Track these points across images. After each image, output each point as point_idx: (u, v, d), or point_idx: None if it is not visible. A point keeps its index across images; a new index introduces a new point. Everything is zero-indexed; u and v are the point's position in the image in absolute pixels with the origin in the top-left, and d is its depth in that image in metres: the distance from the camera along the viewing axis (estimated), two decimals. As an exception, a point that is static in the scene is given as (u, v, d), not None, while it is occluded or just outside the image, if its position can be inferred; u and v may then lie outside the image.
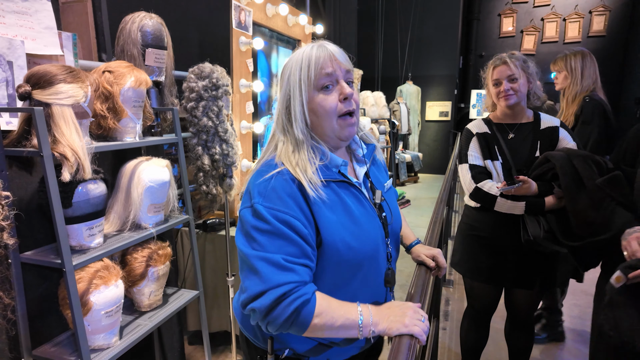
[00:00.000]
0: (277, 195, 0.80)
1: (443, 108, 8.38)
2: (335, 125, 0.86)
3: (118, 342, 1.33)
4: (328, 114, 0.85)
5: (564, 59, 2.18)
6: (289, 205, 0.80)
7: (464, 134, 1.76)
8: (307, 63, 0.84)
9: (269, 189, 0.81)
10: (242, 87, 2.28)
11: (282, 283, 0.76)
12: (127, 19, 1.55)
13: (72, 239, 1.23)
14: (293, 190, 0.82)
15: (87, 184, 1.23)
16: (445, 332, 2.58)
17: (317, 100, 0.85)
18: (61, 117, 1.11)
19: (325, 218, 0.83)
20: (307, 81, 0.84)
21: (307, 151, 0.86)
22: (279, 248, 0.78)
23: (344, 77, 0.87)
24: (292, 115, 0.87)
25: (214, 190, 1.85)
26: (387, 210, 0.95)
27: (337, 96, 0.86)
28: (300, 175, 0.82)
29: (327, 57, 0.85)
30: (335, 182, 0.87)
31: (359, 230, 0.86)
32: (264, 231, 0.79)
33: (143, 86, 1.41)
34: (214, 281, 2.25)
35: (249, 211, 0.82)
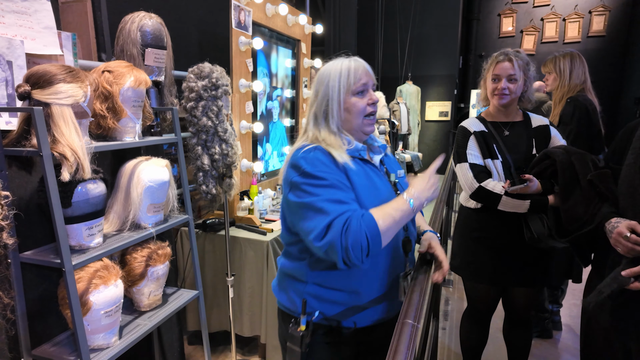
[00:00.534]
0: (320, 162, 1.02)
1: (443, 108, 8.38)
2: (361, 122, 1.09)
3: (118, 342, 1.33)
4: (359, 113, 1.08)
5: (553, 61, 2.20)
6: (331, 167, 1.02)
7: (460, 132, 1.73)
8: (347, 73, 1.06)
9: (314, 158, 1.02)
10: (242, 87, 2.28)
11: (344, 211, 0.94)
12: (127, 18, 1.55)
13: (72, 239, 1.23)
14: (329, 159, 1.03)
15: (87, 183, 1.22)
16: (445, 332, 2.58)
17: (352, 102, 1.07)
18: (60, 116, 1.11)
19: (354, 182, 1.04)
20: (347, 87, 1.07)
21: (337, 138, 1.08)
22: (334, 194, 0.97)
23: (372, 87, 1.11)
24: (330, 112, 1.08)
25: (213, 190, 1.85)
26: (402, 190, 1.13)
27: (366, 100, 1.08)
28: (331, 150, 1.04)
29: (363, 71, 1.08)
30: (359, 159, 1.10)
31: (379, 194, 1.06)
32: (317, 185, 0.98)
33: (142, 86, 1.40)
34: (213, 281, 2.25)
35: (300, 177, 1.01)
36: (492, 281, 1.74)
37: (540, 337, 2.49)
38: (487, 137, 1.68)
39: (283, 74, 2.98)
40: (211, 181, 1.85)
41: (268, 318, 2.11)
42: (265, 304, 2.11)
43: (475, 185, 1.61)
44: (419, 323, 0.86)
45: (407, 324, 0.84)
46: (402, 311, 0.90)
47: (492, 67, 1.67)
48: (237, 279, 2.17)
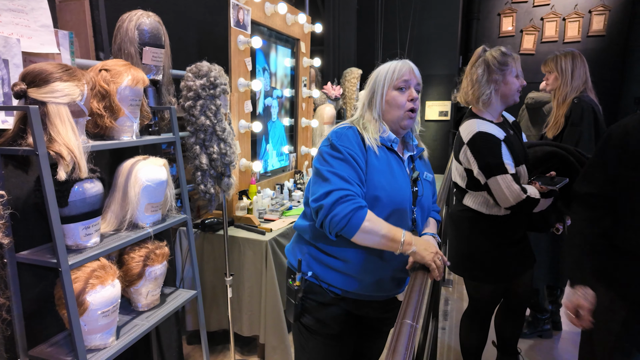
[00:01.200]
0: (348, 139, 1.14)
1: (442, 108, 8.37)
2: (401, 115, 1.19)
3: (115, 342, 1.33)
4: (398, 107, 1.18)
5: (554, 60, 2.18)
6: (354, 146, 1.13)
7: (489, 141, 1.56)
8: (393, 69, 1.19)
9: (343, 134, 1.16)
10: (241, 86, 2.27)
11: (345, 188, 1.06)
12: (125, 17, 1.55)
13: (69, 239, 1.22)
14: (358, 139, 1.16)
15: (84, 183, 1.22)
16: (445, 332, 2.57)
17: (392, 95, 1.19)
18: (57, 115, 1.10)
19: (372, 164, 1.15)
20: (390, 82, 1.19)
21: (375, 124, 1.21)
22: (345, 169, 1.09)
23: (415, 87, 1.20)
24: (374, 102, 1.21)
25: (211, 189, 1.85)
26: (420, 188, 1.23)
27: (407, 96, 1.19)
28: (364, 133, 1.18)
29: (407, 69, 1.19)
30: (386, 148, 1.20)
31: (394, 182, 1.16)
32: (336, 158, 1.11)
33: (140, 85, 1.40)
34: (212, 281, 2.25)
35: (327, 146, 1.16)
36: (513, 279, 1.77)
37: (541, 337, 2.48)
38: (513, 142, 1.61)
39: (282, 73, 2.97)
40: (209, 180, 1.84)
41: (267, 318, 2.10)
42: (264, 303, 2.10)
43: (522, 196, 1.50)
44: (418, 323, 0.86)
45: (406, 324, 0.84)
46: (401, 311, 0.89)
47: (515, 63, 1.64)
48: (236, 279, 2.16)
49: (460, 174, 1.75)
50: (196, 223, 2.22)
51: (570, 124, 2.06)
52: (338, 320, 1.26)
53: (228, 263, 2.02)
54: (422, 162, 1.33)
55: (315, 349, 1.28)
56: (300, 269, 1.24)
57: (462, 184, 1.75)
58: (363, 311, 1.29)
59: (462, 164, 1.69)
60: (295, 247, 1.32)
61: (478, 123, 1.61)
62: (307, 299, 1.25)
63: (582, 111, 2.02)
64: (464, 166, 1.69)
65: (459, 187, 1.80)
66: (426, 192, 1.26)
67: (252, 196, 2.41)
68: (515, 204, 1.52)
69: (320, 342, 1.27)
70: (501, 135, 1.59)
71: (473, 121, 1.64)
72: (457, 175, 1.78)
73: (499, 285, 1.78)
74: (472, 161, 1.61)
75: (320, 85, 3.86)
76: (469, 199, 1.75)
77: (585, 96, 2.07)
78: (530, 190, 1.53)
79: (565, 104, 2.11)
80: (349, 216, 1.03)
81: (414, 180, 1.21)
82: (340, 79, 4.38)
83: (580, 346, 1.40)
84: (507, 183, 1.52)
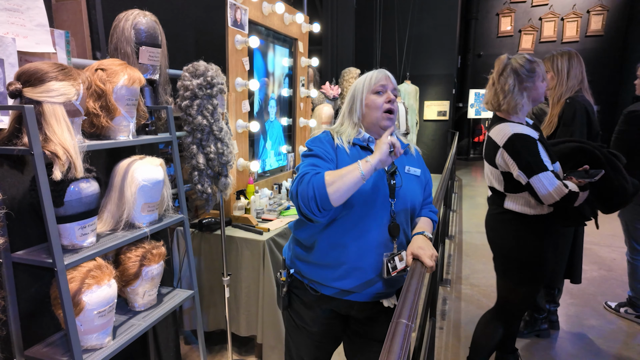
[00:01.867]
0: (319, 140, 1.28)
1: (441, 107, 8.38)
2: (379, 116, 1.27)
3: (111, 342, 1.32)
4: (376, 108, 1.27)
5: (551, 60, 2.18)
6: (325, 144, 1.26)
7: (527, 141, 1.59)
8: (370, 77, 1.30)
9: (314, 138, 1.30)
10: (238, 85, 2.27)
11: (305, 172, 1.14)
12: (121, 16, 1.54)
13: (64, 238, 1.22)
14: (329, 140, 1.29)
15: (80, 182, 1.21)
16: (442, 332, 2.57)
17: (371, 99, 1.28)
18: (52, 115, 1.09)
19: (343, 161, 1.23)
20: (368, 87, 1.29)
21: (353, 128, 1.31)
22: (314, 161, 1.20)
23: (391, 91, 1.30)
24: (354, 108, 1.32)
25: (209, 189, 1.84)
26: (399, 180, 1.26)
27: (384, 99, 1.28)
28: (335, 135, 1.31)
29: (384, 76, 1.30)
30: (360, 146, 1.29)
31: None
32: (307, 155, 1.24)
33: (136, 84, 1.39)
34: (210, 280, 2.24)
35: (304, 151, 1.28)
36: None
37: (538, 337, 2.49)
38: (544, 142, 1.65)
39: (280, 73, 2.97)
40: (206, 180, 1.83)
41: (265, 317, 2.10)
42: (262, 303, 2.10)
43: (565, 191, 1.52)
44: (414, 323, 0.86)
45: (401, 323, 0.83)
46: (397, 310, 0.89)
47: (539, 68, 1.68)
48: (234, 279, 2.16)
49: (497, 178, 1.74)
50: (194, 223, 2.22)
51: (563, 124, 2.07)
52: (318, 322, 1.33)
53: (225, 263, 2.01)
54: (407, 158, 1.36)
55: (299, 340, 1.39)
56: (284, 266, 1.37)
57: (500, 187, 1.74)
58: (344, 311, 1.32)
59: (498, 167, 1.70)
60: (288, 245, 1.42)
61: (511, 126, 1.64)
62: (291, 293, 1.36)
63: (575, 111, 2.02)
64: (500, 170, 1.69)
65: (496, 191, 1.79)
66: (408, 184, 1.29)
67: (250, 196, 2.41)
68: (559, 200, 1.53)
69: (305, 335, 1.38)
70: (535, 135, 1.62)
71: (505, 125, 1.66)
72: (493, 179, 1.77)
73: (541, 285, 1.80)
74: (510, 163, 1.62)
75: (319, 85, 3.86)
76: (510, 202, 1.73)
77: (578, 96, 2.08)
78: (571, 186, 1.55)
79: (559, 104, 2.12)
80: (310, 183, 1.09)
81: (390, 173, 1.25)
82: (339, 79, 4.38)
83: None
84: (549, 180, 1.54)
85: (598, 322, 2.66)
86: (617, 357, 2.30)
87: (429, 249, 1.17)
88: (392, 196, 1.23)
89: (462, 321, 2.69)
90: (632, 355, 2.32)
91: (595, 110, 2.08)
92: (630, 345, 2.41)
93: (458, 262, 3.75)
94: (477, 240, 4.36)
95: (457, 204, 6.01)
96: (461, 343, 2.44)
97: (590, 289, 3.10)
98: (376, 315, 1.31)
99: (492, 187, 1.82)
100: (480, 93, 10.41)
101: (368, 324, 1.34)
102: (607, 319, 2.70)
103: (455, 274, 3.48)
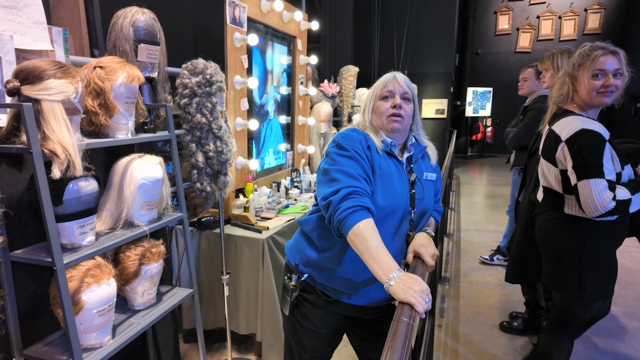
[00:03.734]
0: (353, 139, 1.20)
1: (439, 105, 8.38)
2: (385, 121, 1.25)
3: (111, 341, 1.32)
4: (381, 114, 1.25)
5: (551, 58, 2.18)
6: (358, 145, 1.19)
7: (593, 139, 1.44)
8: (380, 82, 1.28)
9: (348, 135, 1.22)
10: (237, 83, 2.26)
11: (353, 185, 1.09)
12: (119, 13, 1.53)
13: (63, 237, 1.21)
14: (362, 140, 1.21)
15: (78, 181, 1.21)
16: (441, 329, 2.58)
17: (377, 104, 1.27)
18: (51, 113, 1.09)
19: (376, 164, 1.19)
20: (376, 93, 1.28)
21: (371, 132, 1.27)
22: (352, 166, 1.14)
23: (400, 94, 1.25)
24: (365, 114, 1.30)
25: (207, 187, 1.84)
26: (419, 189, 1.26)
27: (390, 104, 1.25)
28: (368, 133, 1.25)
29: (392, 80, 1.26)
30: (385, 152, 1.24)
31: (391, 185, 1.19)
32: (343, 156, 1.16)
33: (135, 82, 1.39)
34: (209, 279, 2.24)
35: (334, 147, 1.21)
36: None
37: (536, 335, 2.50)
38: (614, 143, 1.49)
39: (279, 71, 2.96)
40: (205, 179, 1.83)
41: (264, 316, 2.10)
42: (261, 301, 2.10)
43: (610, 207, 1.39)
44: (415, 321, 0.86)
45: (403, 322, 0.83)
46: (398, 309, 0.89)
47: (591, 62, 1.51)
48: (233, 277, 2.16)
49: (555, 177, 1.59)
50: (192, 221, 2.21)
51: None
52: (329, 323, 1.32)
53: (224, 261, 2.01)
54: (423, 162, 1.34)
55: (304, 341, 1.36)
56: (297, 271, 1.30)
57: (559, 188, 1.59)
58: (357, 314, 1.31)
59: (557, 165, 1.56)
60: (294, 246, 1.36)
61: (581, 120, 1.49)
62: (301, 298, 1.31)
63: None
64: (559, 168, 1.56)
65: (554, 193, 1.63)
66: (427, 193, 1.27)
67: (249, 194, 2.41)
68: (602, 213, 1.40)
69: (310, 336, 1.35)
70: (607, 135, 1.47)
71: (574, 118, 1.52)
72: (551, 178, 1.63)
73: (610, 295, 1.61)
74: (567, 159, 1.49)
75: (317, 83, 3.85)
76: (571, 207, 1.57)
77: None
78: (621, 194, 1.41)
79: None
80: (350, 210, 1.04)
81: (411, 183, 1.24)
82: (337, 77, 4.37)
83: None
84: (598, 189, 1.39)
85: (596, 319, 2.68)
86: (615, 353, 2.31)
87: (431, 247, 1.18)
88: (412, 205, 1.22)
89: (460, 319, 2.70)
90: (630, 352, 2.33)
91: None
92: (628, 343, 2.43)
93: (456, 260, 3.76)
94: (475, 238, 4.37)
95: (455, 202, 6.02)
96: (459, 341, 2.45)
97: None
98: (386, 313, 1.33)
99: (548, 188, 1.65)
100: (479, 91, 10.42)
101: (378, 321, 1.35)
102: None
103: (454, 272, 3.49)
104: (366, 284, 1.22)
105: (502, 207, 5.64)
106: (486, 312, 2.77)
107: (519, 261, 2.21)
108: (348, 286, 1.23)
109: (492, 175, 8.43)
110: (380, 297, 1.24)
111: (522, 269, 2.24)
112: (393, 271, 0.95)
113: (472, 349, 2.37)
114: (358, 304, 1.26)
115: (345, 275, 1.22)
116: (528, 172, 2.38)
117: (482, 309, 2.83)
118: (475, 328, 2.59)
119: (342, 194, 1.07)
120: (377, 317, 1.33)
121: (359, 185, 1.09)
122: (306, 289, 1.30)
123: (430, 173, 1.33)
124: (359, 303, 1.25)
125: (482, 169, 9.21)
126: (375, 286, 1.22)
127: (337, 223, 1.06)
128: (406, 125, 1.26)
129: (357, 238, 1.01)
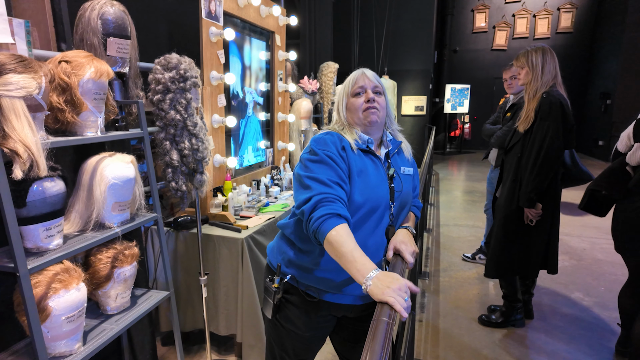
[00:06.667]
0: (326, 142, 1.19)
1: (418, 102, 8.46)
2: (361, 116, 1.26)
3: (82, 348, 1.26)
4: (356, 109, 1.26)
5: (526, 55, 2.22)
6: (332, 148, 1.17)
7: None
8: (349, 80, 1.30)
9: (322, 139, 1.20)
10: (214, 79, 2.21)
11: (324, 192, 1.07)
12: (86, 5, 1.46)
13: (28, 241, 1.15)
14: (336, 142, 1.20)
15: (43, 181, 1.15)
16: (422, 324, 2.60)
17: (351, 102, 1.28)
18: (11, 110, 1.02)
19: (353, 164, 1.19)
20: (347, 91, 1.29)
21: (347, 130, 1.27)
22: (324, 171, 1.12)
23: (371, 88, 1.27)
24: (340, 112, 1.31)
25: (183, 186, 1.79)
26: (398, 183, 1.25)
27: (363, 99, 1.26)
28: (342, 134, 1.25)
29: (361, 76, 1.29)
30: (361, 151, 1.24)
31: (369, 181, 1.19)
32: (315, 161, 1.15)
33: (104, 77, 1.33)
34: (187, 280, 2.19)
35: (307, 152, 1.20)
36: None
37: (514, 327, 2.55)
38: None
39: (257, 67, 2.91)
40: (181, 177, 1.78)
41: (244, 316, 2.07)
42: (241, 302, 2.06)
43: None
44: (394, 320, 0.85)
45: (382, 321, 0.82)
46: (377, 309, 0.88)
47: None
48: (212, 278, 2.11)
49: None
50: (168, 221, 2.15)
51: (540, 118, 2.11)
52: (312, 325, 1.29)
53: (202, 262, 1.96)
54: (399, 157, 1.35)
55: (287, 343, 1.34)
56: (279, 272, 1.27)
57: None
58: (341, 314, 1.30)
59: None
60: (276, 248, 1.34)
61: None
62: (284, 299, 1.29)
63: (550, 105, 2.07)
64: None
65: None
66: (405, 187, 1.28)
67: (227, 193, 2.36)
68: None
69: (293, 339, 1.32)
70: None
71: None
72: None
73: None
74: None
75: (297, 80, 3.82)
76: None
77: (554, 91, 2.12)
78: None
79: (535, 99, 2.16)
80: (322, 219, 1.03)
81: (390, 177, 1.24)
82: (317, 73, 4.34)
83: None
84: None
85: (571, 310, 2.75)
86: (589, 344, 2.38)
87: (411, 245, 1.17)
88: (391, 199, 1.23)
89: (440, 313, 2.73)
90: (603, 342, 2.41)
91: (569, 104, 2.13)
92: (601, 333, 2.50)
93: (436, 255, 3.80)
94: (454, 233, 4.44)
95: (434, 199, 6.09)
96: (440, 335, 2.48)
97: (561, 278, 3.20)
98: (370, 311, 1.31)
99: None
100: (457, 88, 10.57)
101: (361, 319, 1.34)
102: (578, 307, 2.80)
103: (434, 267, 3.53)
104: (350, 281, 1.21)
105: (480, 202, 5.75)
106: (465, 306, 2.81)
107: (498, 257, 2.24)
108: (332, 285, 1.21)
109: (470, 170, 8.58)
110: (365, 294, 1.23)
111: (500, 264, 2.27)
112: (370, 271, 0.94)
113: (452, 343, 2.40)
114: (343, 303, 1.25)
115: (328, 275, 1.20)
116: (505, 168, 2.41)
117: (462, 303, 2.87)
118: (454, 322, 2.62)
119: (313, 202, 1.06)
120: (360, 316, 1.32)
121: (330, 192, 1.08)
122: (289, 291, 1.28)
123: (408, 167, 1.34)
124: (344, 302, 1.24)
125: (461, 165, 9.37)
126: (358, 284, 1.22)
127: (312, 233, 1.06)
128: (382, 116, 1.28)
129: (331, 246, 1.00)
